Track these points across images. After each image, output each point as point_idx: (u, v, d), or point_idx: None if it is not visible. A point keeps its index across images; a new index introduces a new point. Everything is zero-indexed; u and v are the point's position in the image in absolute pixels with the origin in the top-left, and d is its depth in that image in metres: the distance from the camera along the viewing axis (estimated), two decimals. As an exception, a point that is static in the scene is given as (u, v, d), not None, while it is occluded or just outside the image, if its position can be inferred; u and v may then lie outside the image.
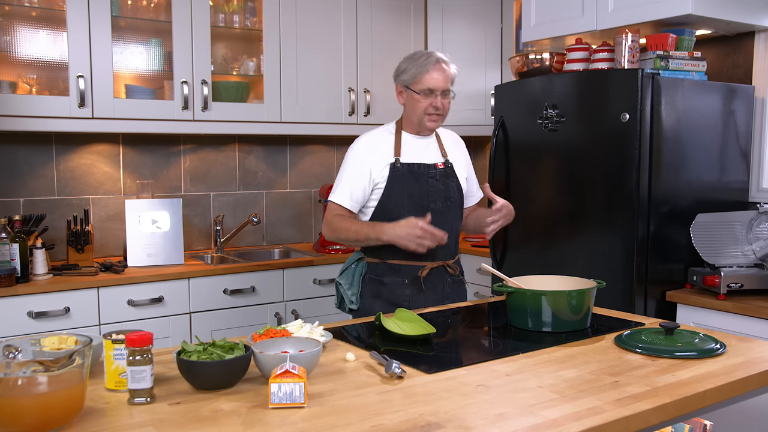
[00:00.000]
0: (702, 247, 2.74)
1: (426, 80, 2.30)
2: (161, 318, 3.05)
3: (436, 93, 2.31)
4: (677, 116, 2.77)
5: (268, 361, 1.43)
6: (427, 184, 2.34)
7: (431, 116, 2.34)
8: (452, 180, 2.40)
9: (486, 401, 1.36)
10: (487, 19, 4.07)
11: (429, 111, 2.33)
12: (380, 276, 2.36)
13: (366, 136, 2.41)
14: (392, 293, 2.34)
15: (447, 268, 2.39)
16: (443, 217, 2.33)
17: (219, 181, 3.81)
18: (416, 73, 2.31)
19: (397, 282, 2.34)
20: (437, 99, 2.32)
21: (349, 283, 2.40)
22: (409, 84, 2.34)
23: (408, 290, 2.33)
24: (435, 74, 2.31)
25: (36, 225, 3.06)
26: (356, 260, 2.42)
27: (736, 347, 1.74)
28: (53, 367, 1.20)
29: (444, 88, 2.32)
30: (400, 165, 2.33)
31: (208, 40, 3.36)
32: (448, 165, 2.41)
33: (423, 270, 2.32)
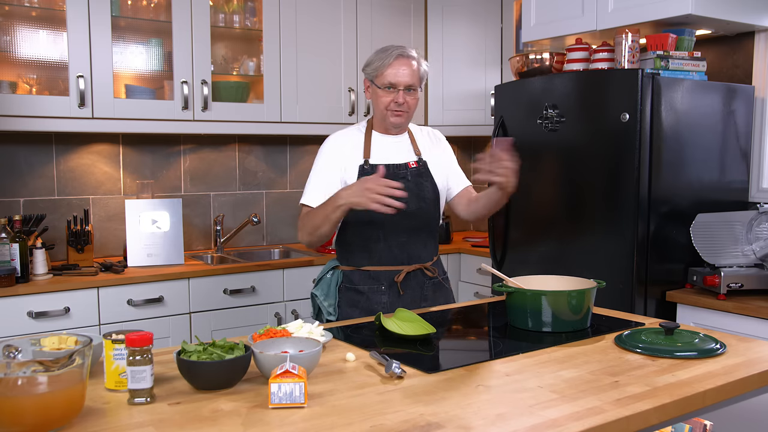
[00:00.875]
0: (702, 247, 2.74)
1: (387, 75, 2.20)
2: (161, 318, 3.05)
3: (398, 88, 2.20)
4: (677, 116, 2.77)
5: (268, 361, 1.43)
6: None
7: (394, 112, 2.23)
8: (426, 179, 2.30)
9: (486, 401, 1.36)
10: (487, 19, 4.07)
11: (391, 107, 2.22)
12: (356, 284, 2.27)
13: (335, 136, 2.33)
14: (369, 301, 2.25)
15: (425, 271, 2.31)
16: (417, 219, 2.26)
17: (219, 181, 3.81)
18: (378, 67, 2.21)
19: (373, 289, 2.26)
20: (399, 94, 2.21)
21: (325, 294, 2.31)
22: (372, 78, 2.25)
23: (385, 297, 2.25)
24: (397, 69, 2.20)
25: (36, 225, 3.06)
26: (330, 269, 2.34)
27: (736, 347, 1.74)
28: (53, 367, 1.20)
29: (407, 84, 2.21)
30: (369, 166, 2.24)
31: (208, 40, 3.36)
32: (421, 163, 2.31)
33: (399, 275, 2.25)
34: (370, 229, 2.24)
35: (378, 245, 2.25)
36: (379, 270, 2.26)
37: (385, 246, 2.25)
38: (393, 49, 2.23)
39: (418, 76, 2.24)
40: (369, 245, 2.26)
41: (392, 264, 2.26)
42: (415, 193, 2.25)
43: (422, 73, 2.26)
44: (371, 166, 2.24)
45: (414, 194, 2.24)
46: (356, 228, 2.26)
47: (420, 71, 2.25)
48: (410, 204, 2.22)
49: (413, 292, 2.29)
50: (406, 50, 2.23)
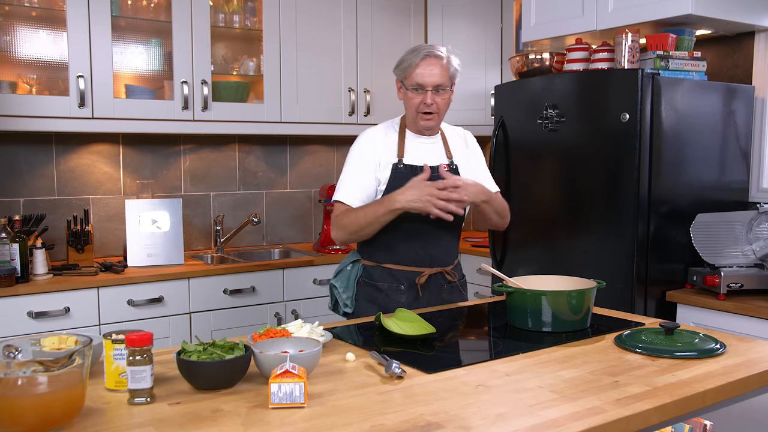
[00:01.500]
0: (702, 247, 2.74)
1: (415, 75, 2.17)
2: (161, 318, 3.05)
3: (426, 89, 2.17)
4: (677, 116, 2.77)
5: (268, 361, 1.43)
6: None
7: (424, 115, 2.21)
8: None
9: (486, 401, 1.36)
10: (487, 19, 4.07)
11: (421, 109, 2.20)
12: (376, 280, 2.27)
13: (369, 133, 2.30)
14: (388, 298, 2.25)
15: (445, 275, 2.30)
16: (443, 223, 2.20)
17: (219, 181, 3.81)
18: (406, 68, 2.18)
19: (393, 287, 2.25)
20: (427, 95, 2.17)
21: (344, 286, 2.30)
22: (402, 79, 2.22)
23: (404, 296, 2.25)
24: (425, 68, 2.16)
25: (36, 225, 3.06)
26: (351, 262, 2.34)
27: (736, 347, 1.74)
28: (53, 367, 1.20)
29: (436, 84, 2.17)
30: (403, 166, 2.23)
31: (208, 40, 3.36)
32: (453, 167, 2.29)
33: (421, 277, 2.24)
34: (396, 228, 2.20)
35: (402, 245, 2.24)
36: (400, 269, 2.25)
37: (409, 247, 2.24)
38: (422, 48, 2.18)
39: (448, 75, 2.20)
40: (393, 244, 2.24)
41: (414, 265, 2.25)
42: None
43: (452, 71, 2.22)
44: (405, 166, 2.22)
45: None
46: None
47: (450, 70, 2.21)
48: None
49: (431, 295, 2.28)
50: (434, 49, 2.18)
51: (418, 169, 2.21)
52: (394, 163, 2.23)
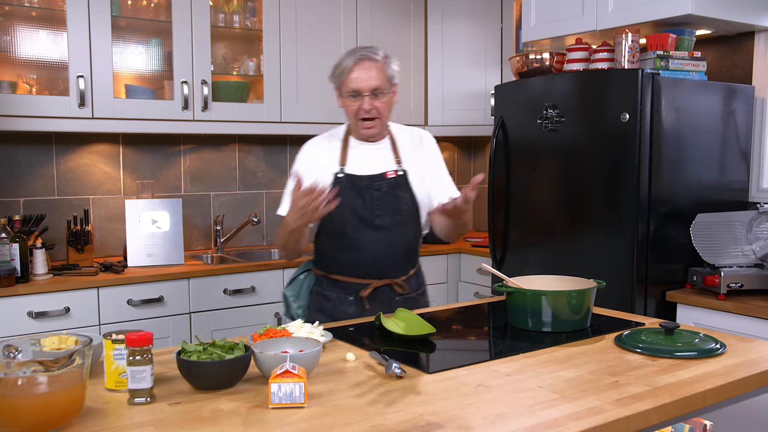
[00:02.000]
0: (702, 247, 2.74)
1: (350, 81, 2.06)
2: (161, 318, 3.05)
3: (363, 94, 2.06)
4: (677, 116, 2.77)
5: (268, 361, 1.43)
6: (371, 197, 2.13)
7: (364, 122, 2.10)
8: (404, 190, 2.16)
9: (486, 401, 1.36)
10: (487, 19, 4.07)
11: (360, 115, 2.09)
12: (325, 290, 2.21)
13: (311, 144, 2.23)
14: (335, 309, 2.18)
15: (394, 287, 2.20)
16: (391, 233, 2.14)
17: (219, 181, 3.81)
18: (340, 74, 2.08)
19: (341, 298, 2.18)
20: (365, 101, 2.06)
21: (296, 295, 2.25)
22: (339, 88, 2.12)
23: (352, 308, 2.17)
24: (359, 73, 2.04)
25: (36, 225, 3.06)
26: (304, 271, 2.29)
27: (736, 347, 1.74)
28: (53, 367, 1.20)
29: (373, 88, 2.05)
30: (344, 176, 2.13)
31: (208, 40, 3.36)
32: (401, 173, 2.17)
33: (365, 289, 2.15)
34: (343, 238, 2.15)
35: (349, 256, 2.16)
36: (347, 281, 2.18)
37: (357, 258, 2.15)
38: (355, 51, 2.08)
39: (385, 77, 2.08)
40: (340, 255, 2.17)
41: (361, 277, 2.16)
42: (390, 205, 2.15)
43: (390, 73, 2.10)
44: (346, 176, 2.14)
45: (389, 207, 2.15)
46: (329, 236, 2.19)
47: (388, 71, 2.09)
48: (384, 217, 2.14)
49: (380, 306, 2.18)
50: (369, 51, 2.07)
51: (357, 179, 2.14)
52: (335, 172, 2.15)
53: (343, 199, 2.09)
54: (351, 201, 2.12)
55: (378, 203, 2.14)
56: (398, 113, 4.06)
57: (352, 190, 2.13)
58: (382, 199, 2.14)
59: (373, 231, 2.13)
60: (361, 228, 2.13)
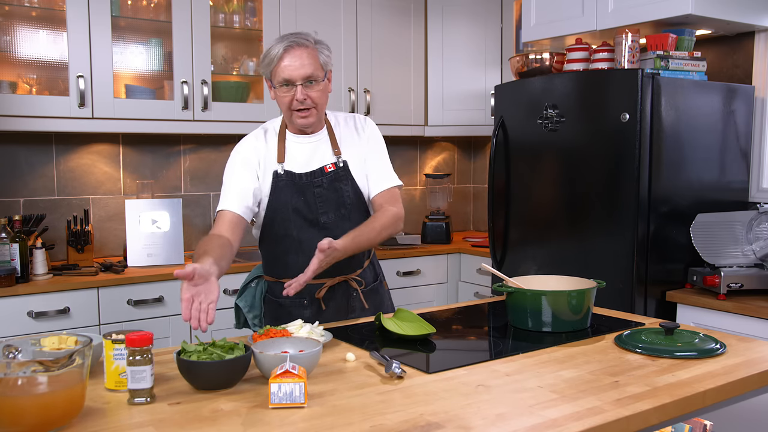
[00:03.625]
0: (702, 247, 2.74)
1: (280, 70, 1.94)
2: (161, 318, 3.05)
3: (295, 83, 1.95)
4: (677, 116, 2.77)
5: (268, 361, 1.43)
6: (313, 195, 2.04)
7: (299, 113, 2.00)
8: (346, 183, 2.08)
9: (486, 401, 1.36)
10: (487, 19, 4.07)
11: (294, 106, 1.98)
12: (278, 297, 2.10)
13: (250, 138, 2.10)
14: (291, 315, 2.07)
15: (351, 282, 2.12)
16: (338, 229, 2.02)
17: (219, 181, 3.79)
18: (269, 63, 1.96)
19: (296, 303, 2.09)
20: (298, 91, 1.95)
21: (249, 305, 2.15)
22: (270, 79, 2.00)
23: (308, 311, 2.09)
24: (290, 61, 1.93)
25: (36, 225, 3.06)
26: (255, 278, 2.19)
27: (736, 347, 1.74)
28: (53, 367, 1.20)
29: (306, 76, 1.95)
30: (283, 173, 2.04)
31: (208, 40, 3.36)
32: (340, 165, 2.08)
33: (320, 290, 2.07)
34: (287, 241, 2.07)
35: (296, 258, 2.05)
36: None
37: (304, 259, 1.94)
38: (283, 39, 1.96)
39: (319, 65, 1.98)
40: (287, 258, 2.08)
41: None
42: (332, 200, 2.07)
43: (324, 60, 2.00)
44: (286, 173, 2.05)
45: (332, 203, 2.07)
46: (272, 239, 2.10)
47: (321, 58, 1.99)
48: (329, 214, 2.06)
49: (338, 304, 2.12)
50: (298, 38, 1.97)
51: (297, 177, 2.05)
52: (275, 170, 2.05)
53: (284, 199, 2.03)
54: (292, 200, 2.04)
55: (320, 200, 2.06)
56: (398, 113, 4.07)
57: (293, 189, 2.04)
58: (323, 195, 2.06)
59: (318, 229, 2.05)
60: (306, 227, 2.05)
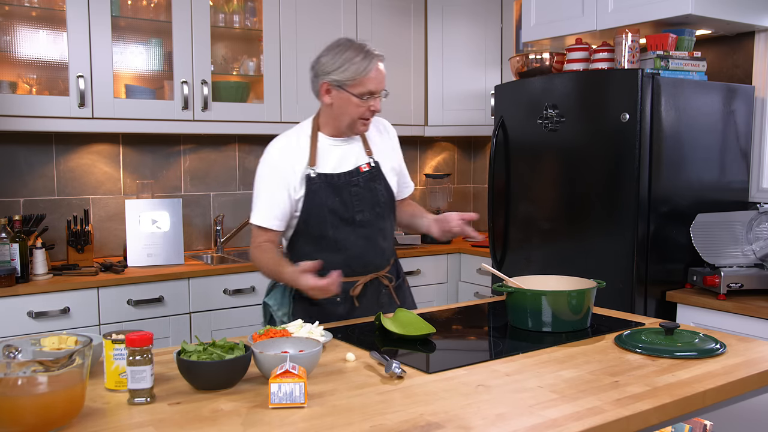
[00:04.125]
0: (702, 247, 2.74)
1: (367, 81, 2.02)
2: (161, 318, 3.05)
3: (375, 95, 2.05)
4: (677, 116, 2.77)
5: (268, 361, 1.43)
6: (350, 194, 2.10)
7: (366, 120, 2.08)
8: (379, 182, 2.15)
9: (486, 401, 1.36)
10: (487, 19, 4.07)
11: (366, 115, 2.06)
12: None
13: (277, 144, 2.15)
14: (324, 312, 2.11)
15: (381, 279, 2.19)
16: (372, 227, 2.12)
17: (219, 181, 3.81)
18: (356, 74, 2.01)
19: (329, 300, 2.10)
20: (377, 102, 2.06)
21: (279, 303, 2.18)
22: (344, 85, 2.03)
23: (341, 308, 2.13)
24: (377, 74, 2.03)
25: (36, 225, 3.06)
26: None
27: (736, 347, 1.74)
28: (53, 367, 1.20)
29: (383, 89, 2.07)
30: (317, 176, 2.08)
31: (208, 40, 3.36)
32: (374, 165, 2.15)
33: (355, 287, 2.12)
34: (323, 241, 2.11)
35: (332, 256, 2.10)
36: None
37: (341, 257, 2.09)
38: (367, 52, 2.04)
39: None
40: (322, 256, 2.08)
41: (347, 275, 2.08)
42: (368, 199, 2.13)
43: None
44: (319, 176, 2.08)
45: (368, 201, 2.13)
46: (307, 240, 2.14)
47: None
48: (365, 212, 2.12)
49: (369, 301, 2.17)
50: (378, 51, 2.07)
51: (333, 178, 2.10)
52: (307, 174, 2.09)
53: (320, 201, 2.07)
54: (328, 201, 2.08)
55: (356, 199, 2.11)
56: (398, 113, 4.07)
57: (329, 189, 2.09)
58: (359, 194, 2.11)
59: (354, 227, 2.10)
60: (342, 227, 2.09)
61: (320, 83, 2.10)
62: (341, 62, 2.04)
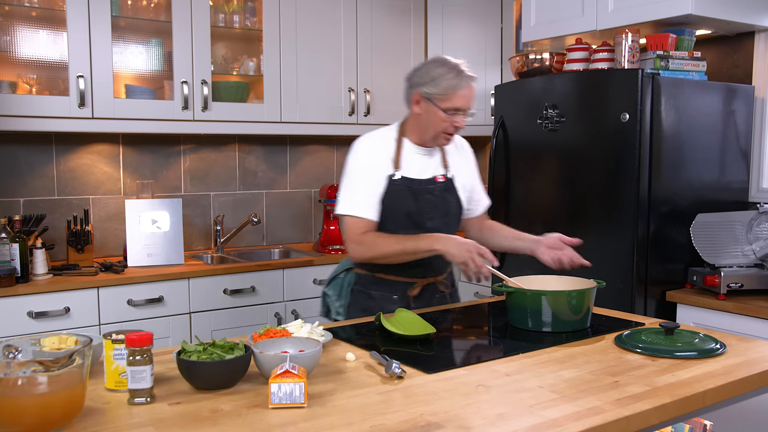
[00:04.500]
0: (702, 247, 2.74)
1: (456, 99, 2.11)
2: (161, 318, 3.05)
3: (461, 113, 2.14)
4: (677, 116, 2.77)
5: (268, 361, 1.43)
6: (425, 201, 2.20)
7: (449, 135, 2.17)
8: (452, 194, 2.27)
9: (486, 401, 1.36)
10: (487, 19, 4.07)
11: (449, 130, 2.15)
12: (369, 289, 2.25)
13: (368, 141, 2.22)
14: (380, 307, 2.19)
15: (438, 285, 2.30)
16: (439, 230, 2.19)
17: (219, 181, 3.81)
18: (447, 89, 2.10)
19: (385, 297, 2.23)
20: (461, 119, 2.15)
21: (337, 294, 2.29)
22: (434, 98, 2.12)
23: (396, 306, 2.20)
24: (468, 92, 2.13)
25: (36, 225, 3.06)
26: (345, 270, 2.32)
27: (736, 347, 1.74)
28: (53, 367, 1.20)
29: (470, 107, 2.16)
30: (399, 179, 2.17)
31: (208, 40, 3.36)
32: (449, 177, 2.27)
33: (413, 288, 2.24)
34: None
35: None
36: (394, 279, 2.23)
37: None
38: (462, 72, 2.13)
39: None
40: None
41: (408, 276, 2.23)
42: (440, 208, 2.23)
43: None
44: (402, 179, 2.17)
45: (439, 209, 2.23)
46: None
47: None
48: (435, 220, 2.20)
49: (424, 303, 2.27)
50: (472, 72, 2.16)
51: (414, 183, 2.19)
52: (389, 175, 2.17)
53: (398, 203, 2.16)
54: (405, 204, 2.17)
55: (430, 206, 2.20)
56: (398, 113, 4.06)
57: (407, 193, 2.18)
58: (433, 202, 2.21)
59: (422, 232, 2.15)
60: (412, 229, 2.16)
61: (412, 93, 2.18)
62: (434, 77, 2.13)
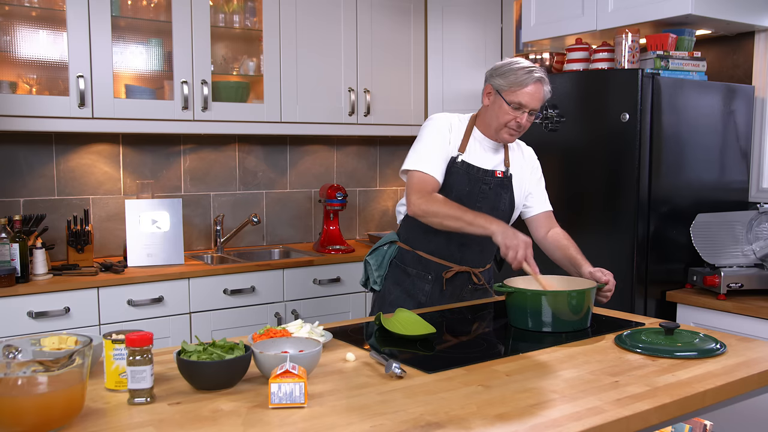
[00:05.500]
0: (702, 247, 2.74)
1: (521, 94, 2.16)
2: (161, 318, 3.05)
3: (524, 110, 2.18)
4: (677, 116, 2.77)
5: (268, 361, 1.43)
6: (479, 189, 2.25)
7: (510, 130, 2.22)
8: (506, 191, 2.30)
9: (486, 401, 1.36)
10: (487, 19, 4.07)
11: (511, 125, 2.20)
12: (406, 265, 2.33)
13: (445, 117, 2.31)
14: (413, 285, 2.31)
15: (472, 275, 2.34)
16: None
17: (219, 181, 3.81)
18: (513, 83, 2.16)
19: (421, 275, 2.31)
20: (523, 116, 2.19)
21: (378, 264, 2.37)
22: (501, 91, 2.19)
23: (429, 286, 2.31)
24: (534, 91, 2.16)
25: (36, 225, 3.06)
26: (388, 242, 2.40)
27: (736, 347, 1.74)
28: (53, 367, 1.20)
29: (535, 108, 2.19)
30: (461, 162, 2.24)
31: (208, 40, 3.36)
32: (507, 175, 2.30)
33: (449, 271, 2.29)
34: None
35: (439, 237, 2.26)
36: (431, 259, 2.30)
37: (446, 241, 2.27)
38: (534, 69, 2.17)
39: (544, 101, 2.23)
40: (431, 233, 2.26)
41: (445, 258, 2.30)
42: (490, 201, 2.27)
43: (547, 97, 2.24)
44: (462, 163, 2.23)
45: (489, 202, 2.26)
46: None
47: (547, 96, 2.23)
48: (482, 210, 2.21)
49: (454, 290, 2.33)
50: (543, 74, 2.19)
51: (473, 170, 2.24)
52: (453, 156, 2.25)
53: (454, 185, 2.22)
54: (459, 187, 2.22)
55: (481, 196, 2.25)
56: (398, 113, 4.07)
57: (464, 178, 2.23)
58: (486, 193, 2.26)
59: None
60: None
61: (486, 84, 2.27)
62: (506, 70, 2.20)
